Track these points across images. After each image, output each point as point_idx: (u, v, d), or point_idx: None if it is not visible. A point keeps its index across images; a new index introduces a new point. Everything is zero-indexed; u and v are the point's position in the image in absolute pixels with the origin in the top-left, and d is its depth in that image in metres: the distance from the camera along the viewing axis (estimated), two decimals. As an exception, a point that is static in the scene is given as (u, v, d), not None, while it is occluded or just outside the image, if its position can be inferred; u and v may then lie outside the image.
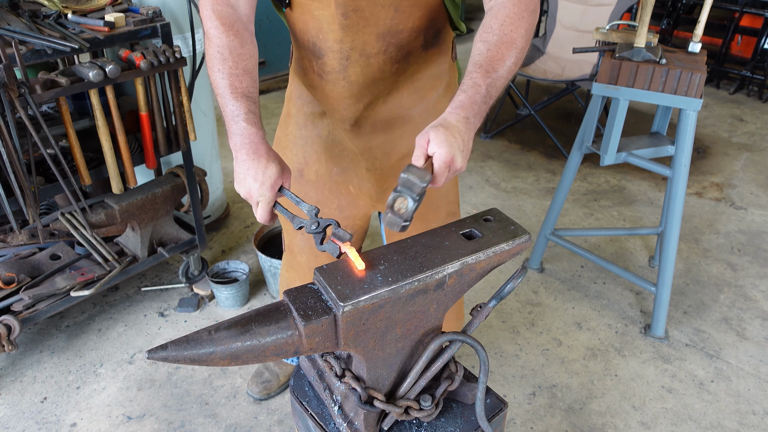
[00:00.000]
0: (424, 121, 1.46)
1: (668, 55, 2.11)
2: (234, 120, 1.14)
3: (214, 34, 1.20)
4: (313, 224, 1.08)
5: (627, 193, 3.46)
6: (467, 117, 1.06)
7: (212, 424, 2.01)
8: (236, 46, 1.19)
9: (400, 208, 0.94)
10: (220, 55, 1.18)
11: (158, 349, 0.89)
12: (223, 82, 1.16)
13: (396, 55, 1.31)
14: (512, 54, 1.11)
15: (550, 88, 4.77)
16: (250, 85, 1.18)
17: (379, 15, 1.24)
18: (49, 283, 2.10)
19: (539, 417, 2.06)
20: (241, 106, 1.14)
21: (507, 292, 1.04)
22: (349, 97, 1.36)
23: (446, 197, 1.60)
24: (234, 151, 1.13)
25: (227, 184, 3.37)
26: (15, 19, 1.91)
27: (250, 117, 1.14)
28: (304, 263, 1.69)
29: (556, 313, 2.53)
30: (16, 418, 2.02)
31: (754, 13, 4.59)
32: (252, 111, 1.15)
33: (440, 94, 1.46)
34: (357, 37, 1.26)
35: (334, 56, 1.30)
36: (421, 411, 1.07)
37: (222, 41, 1.19)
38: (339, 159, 1.52)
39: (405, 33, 1.29)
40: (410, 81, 1.40)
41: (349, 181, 1.54)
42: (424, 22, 1.30)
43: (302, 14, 1.28)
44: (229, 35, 1.19)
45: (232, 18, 1.22)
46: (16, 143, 1.74)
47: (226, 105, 1.16)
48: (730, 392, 2.16)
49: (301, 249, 1.68)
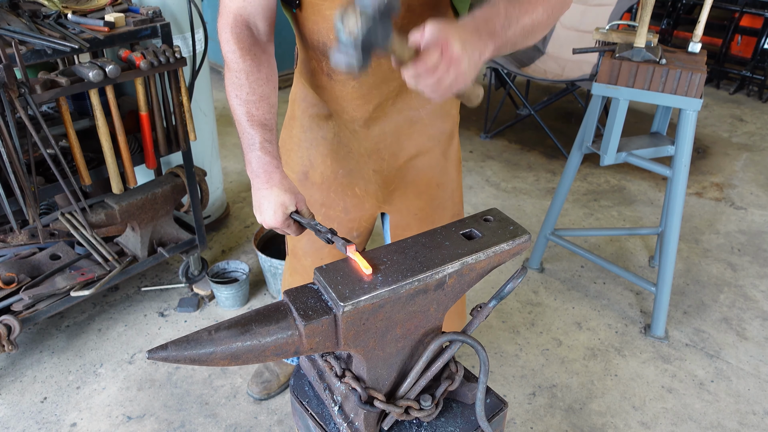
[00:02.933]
0: (432, 122, 1.46)
1: (668, 55, 2.11)
2: (250, 148, 1.20)
3: (232, 59, 1.22)
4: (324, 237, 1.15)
5: (627, 193, 3.46)
6: (477, 28, 0.95)
7: (212, 424, 2.01)
8: (253, 71, 1.22)
9: (350, 26, 0.73)
10: (237, 81, 1.21)
11: (158, 349, 0.89)
12: (240, 109, 1.21)
13: None
14: (541, 7, 1.03)
15: (550, 88, 4.77)
16: (267, 111, 1.22)
17: None
18: (49, 283, 2.10)
19: (539, 417, 2.06)
20: (257, 135, 1.19)
21: (507, 292, 1.04)
22: (359, 97, 1.36)
23: (452, 198, 1.60)
24: (251, 178, 1.22)
25: (227, 184, 3.37)
26: (15, 19, 1.91)
27: (265, 146, 1.19)
28: (309, 266, 1.69)
29: (556, 313, 2.53)
30: (16, 418, 2.02)
31: (754, 13, 4.59)
32: (267, 140, 1.20)
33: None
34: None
35: None
36: (421, 411, 1.07)
37: (239, 66, 1.21)
38: (345, 161, 1.51)
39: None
40: None
41: (354, 183, 1.54)
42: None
43: (313, 14, 1.28)
44: (245, 60, 1.21)
45: (249, 41, 1.23)
46: (16, 143, 1.74)
47: (243, 132, 1.21)
48: (730, 392, 2.16)
49: (306, 252, 1.68)
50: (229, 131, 4.04)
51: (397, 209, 1.57)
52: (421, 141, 1.47)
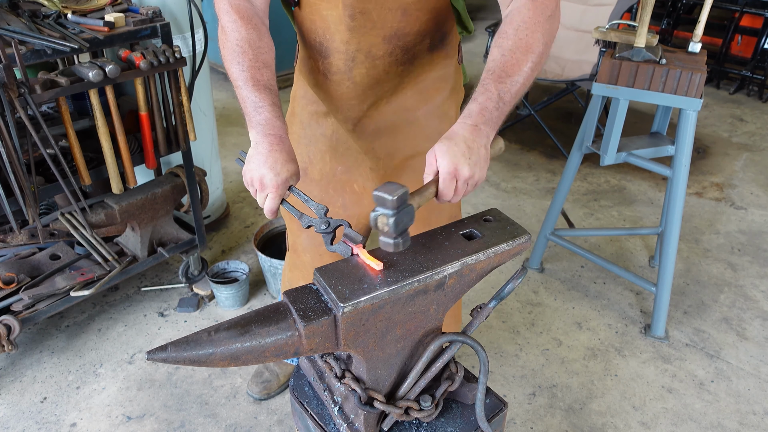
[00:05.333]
0: (428, 123, 1.45)
1: (668, 55, 2.11)
2: (257, 110, 1.13)
3: (232, 28, 1.19)
4: (323, 224, 1.08)
5: (627, 193, 3.46)
6: (475, 125, 1.05)
7: (212, 424, 2.01)
8: (255, 39, 1.19)
9: (383, 226, 0.92)
10: (239, 48, 1.17)
11: (158, 350, 0.89)
12: (243, 74, 1.15)
13: (402, 57, 1.31)
14: (529, 59, 1.10)
15: (550, 88, 4.77)
16: (271, 78, 1.18)
17: (387, 18, 1.23)
18: (49, 283, 2.10)
19: (539, 417, 2.06)
20: (265, 97, 1.14)
21: (507, 292, 1.04)
22: (354, 97, 1.36)
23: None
24: (255, 140, 1.12)
25: (227, 184, 3.37)
26: (15, 19, 1.91)
27: (274, 110, 1.13)
28: (308, 262, 1.69)
29: (556, 313, 2.53)
30: (16, 418, 2.02)
31: (754, 13, 4.59)
32: (275, 104, 1.15)
33: (445, 97, 1.46)
34: (363, 39, 1.26)
35: (340, 57, 1.30)
36: (421, 411, 1.07)
37: (241, 34, 1.18)
38: (343, 158, 1.51)
39: (411, 36, 1.28)
40: (414, 82, 1.39)
41: (353, 179, 1.54)
42: (431, 26, 1.30)
43: (311, 13, 1.28)
44: (248, 29, 1.19)
45: (249, 12, 1.21)
46: (16, 143, 1.74)
47: (247, 97, 1.14)
48: (730, 392, 2.16)
49: (305, 248, 1.68)
50: (229, 131, 4.04)
51: None
52: (418, 142, 1.46)
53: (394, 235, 0.93)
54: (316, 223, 1.08)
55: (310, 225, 1.09)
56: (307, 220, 1.10)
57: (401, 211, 0.92)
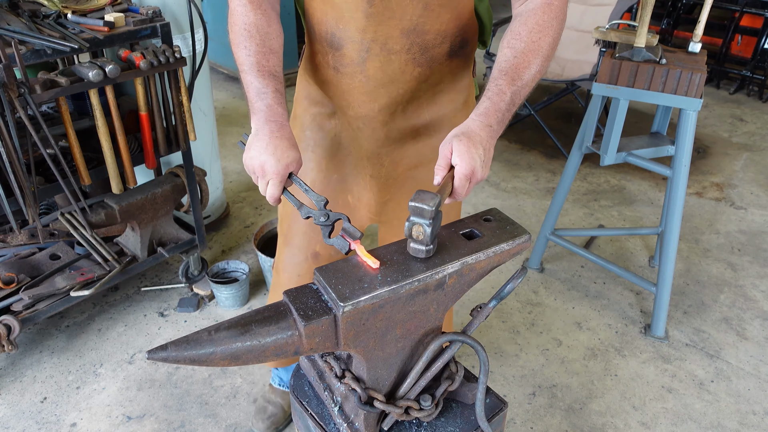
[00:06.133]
0: (437, 134, 1.42)
1: (668, 55, 2.11)
2: (260, 97, 1.12)
3: (241, 11, 1.18)
4: (322, 216, 1.08)
5: (627, 193, 3.46)
6: (490, 125, 1.05)
7: (212, 424, 2.01)
8: (263, 24, 1.18)
9: (418, 235, 0.95)
10: (247, 32, 1.16)
11: (158, 350, 0.89)
12: (249, 59, 1.15)
13: (419, 57, 1.26)
14: (537, 62, 1.11)
15: (550, 88, 4.77)
16: (277, 65, 1.17)
17: (407, 8, 1.19)
18: (48, 283, 2.10)
19: (539, 417, 2.06)
20: (269, 84, 1.13)
21: (507, 292, 1.04)
22: (365, 93, 1.31)
23: (447, 215, 1.58)
24: (257, 126, 1.11)
25: (227, 184, 3.37)
26: (15, 19, 1.91)
27: (277, 96, 1.13)
28: (285, 282, 1.65)
29: (556, 313, 2.53)
30: (16, 418, 2.02)
31: (754, 13, 4.59)
32: (279, 91, 1.14)
33: (457, 109, 1.42)
34: (380, 28, 1.21)
35: (353, 47, 1.24)
36: (421, 411, 1.07)
37: (249, 18, 1.17)
38: (342, 165, 1.48)
39: (431, 35, 1.24)
40: (431, 91, 1.35)
41: (348, 190, 1.50)
42: (452, 28, 1.26)
43: (322, 3, 1.24)
44: (256, 13, 1.18)
45: None
46: (16, 143, 1.74)
47: (251, 82, 1.14)
48: (730, 392, 2.16)
49: (285, 267, 1.65)
50: (229, 131, 4.04)
51: (389, 220, 1.54)
52: (425, 151, 1.43)
53: (428, 242, 0.96)
54: (315, 214, 1.08)
55: (309, 216, 1.09)
56: (306, 210, 1.09)
57: (436, 219, 0.96)
